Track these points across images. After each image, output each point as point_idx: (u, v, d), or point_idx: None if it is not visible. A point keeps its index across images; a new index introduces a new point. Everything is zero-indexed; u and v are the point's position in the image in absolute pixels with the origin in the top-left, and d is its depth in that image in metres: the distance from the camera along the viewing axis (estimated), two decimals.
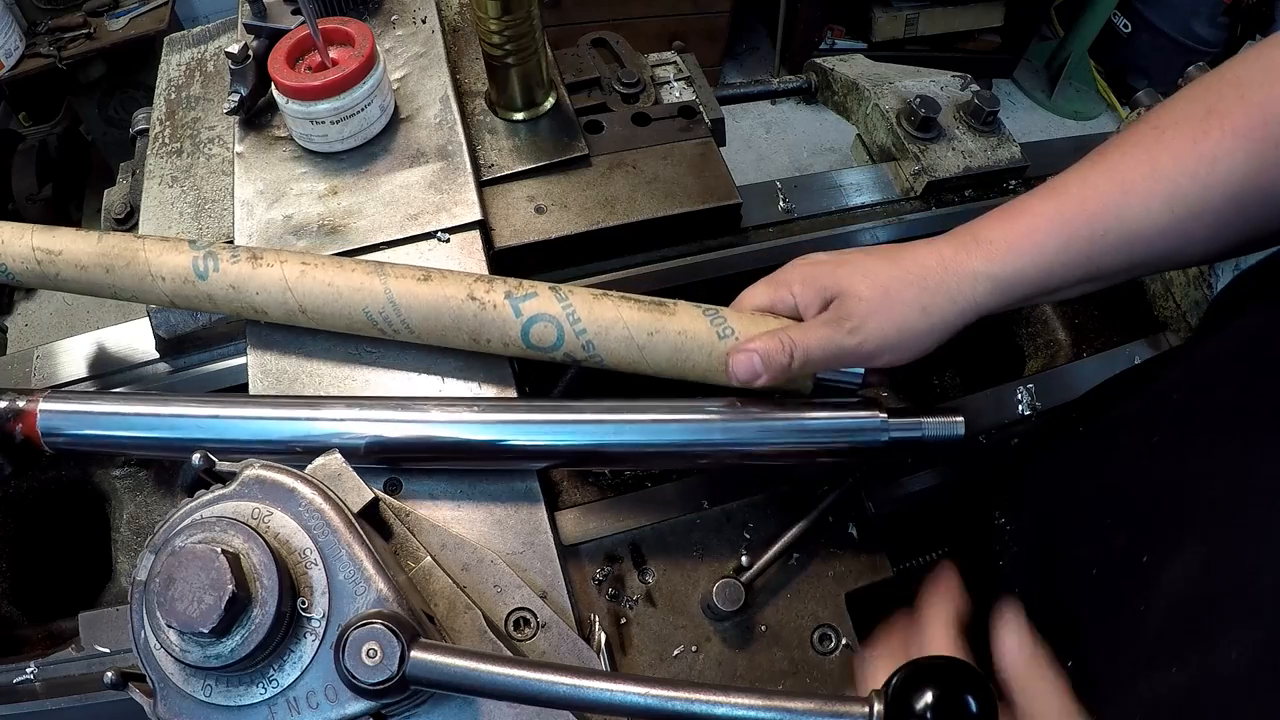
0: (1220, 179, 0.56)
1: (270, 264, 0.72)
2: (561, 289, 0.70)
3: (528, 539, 0.69)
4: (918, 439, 0.68)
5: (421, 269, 0.72)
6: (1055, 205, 0.62)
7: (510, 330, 0.69)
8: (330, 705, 0.49)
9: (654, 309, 0.69)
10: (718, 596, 0.67)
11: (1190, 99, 0.59)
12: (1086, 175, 0.62)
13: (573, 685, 0.49)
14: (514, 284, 0.71)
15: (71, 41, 2.41)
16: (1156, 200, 0.58)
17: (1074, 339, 0.99)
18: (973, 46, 3.34)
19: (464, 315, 0.70)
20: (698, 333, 0.68)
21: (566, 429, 0.67)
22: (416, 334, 0.72)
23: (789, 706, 0.47)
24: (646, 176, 0.93)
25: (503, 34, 0.85)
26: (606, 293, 0.70)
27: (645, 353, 0.69)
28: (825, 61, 1.19)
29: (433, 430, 0.67)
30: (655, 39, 2.81)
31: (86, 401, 0.69)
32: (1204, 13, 3.11)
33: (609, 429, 0.67)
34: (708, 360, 0.68)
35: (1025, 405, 0.86)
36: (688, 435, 0.68)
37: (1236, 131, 0.55)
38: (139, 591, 0.48)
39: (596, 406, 0.68)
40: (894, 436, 0.68)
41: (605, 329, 0.68)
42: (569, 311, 0.68)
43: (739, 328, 0.68)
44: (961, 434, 0.68)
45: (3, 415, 0.68)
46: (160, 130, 0.97)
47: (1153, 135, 0.59)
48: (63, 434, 0.69)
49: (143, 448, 0.70)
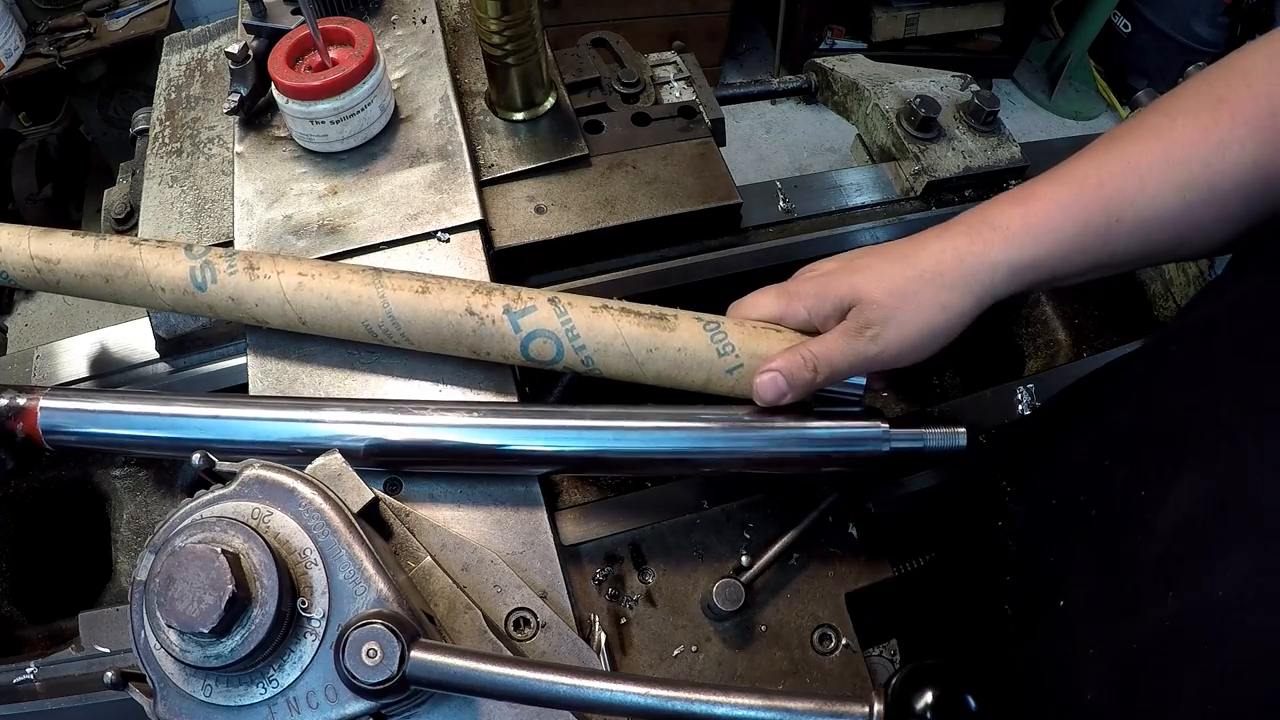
0: (1231, 166, 0.56)
1: (267, 275, 0.71)
2: (560, 300, 0.69)
3: (528, 539, 0.69)
4: (919, 450, 0.68)
5: (419, 278, 0.71)
6: (1071, 191, 0.61)
7: (509, 345, 0.69)
8: (330, 705, 0.49)
9: (654, 323, 0.68)
10: (718, 596, 0.67)
11: (1200, 88, 0.59)
12: (1100, 161, 0.61)
13: (573, 685, 0.49)
14: (512, 295, 0.70)
15: (71, 41, 2.41)
16: (1170, 187, 0.58)
17: (1074, 339, 0.99)
18: (973, 46, 3.35)
19: (463, 330, 0.69)
20: (697, 349, 0.68)
21: (567, 435, 0.67)
22: (416, 345, 0.72)
23: (789, 706, 0.47)
24: (646, 176, 0.93)
25: (503, 34, 0.85)
26: (606, 304, 0.70)
27: (644, 368, 0.68)
28: (825, 61, 1.19)
29: (433, 435, 0.67)
30: (655, 39, 2.81)
31: (87, 400, 0.69)
32: (1204, 13, 3.11)
33: (609, 435, 0.67)
34: (706, 376, 0.68)
35: (1025, 405, 0.86)
36: (688, 443, 0.67)
37: (1247, 120, 0.55)
38: (139, 591, 0.48)
39: (597, 413, 0.68)
40: (895, 447, 0.67)
41: (604, 345, 0.68)
42: (568, 327, 0.68)
43: (740, 344, 0.68)
44: (964, 445, 0.68)
45: (3, 413, 0.68)
46: (160, 130, 0.97)
47: (1165, 122, 0.59)
48: (63, 432, 0.69)
49: (143, 447, 0.70)
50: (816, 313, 0.67)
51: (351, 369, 0.76)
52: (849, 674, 0.67)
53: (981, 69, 3.28)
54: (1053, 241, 0.61)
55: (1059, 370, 0.92)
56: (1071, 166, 0.63)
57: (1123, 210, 0.59)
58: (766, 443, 0.67)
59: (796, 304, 0.68)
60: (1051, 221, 0.61)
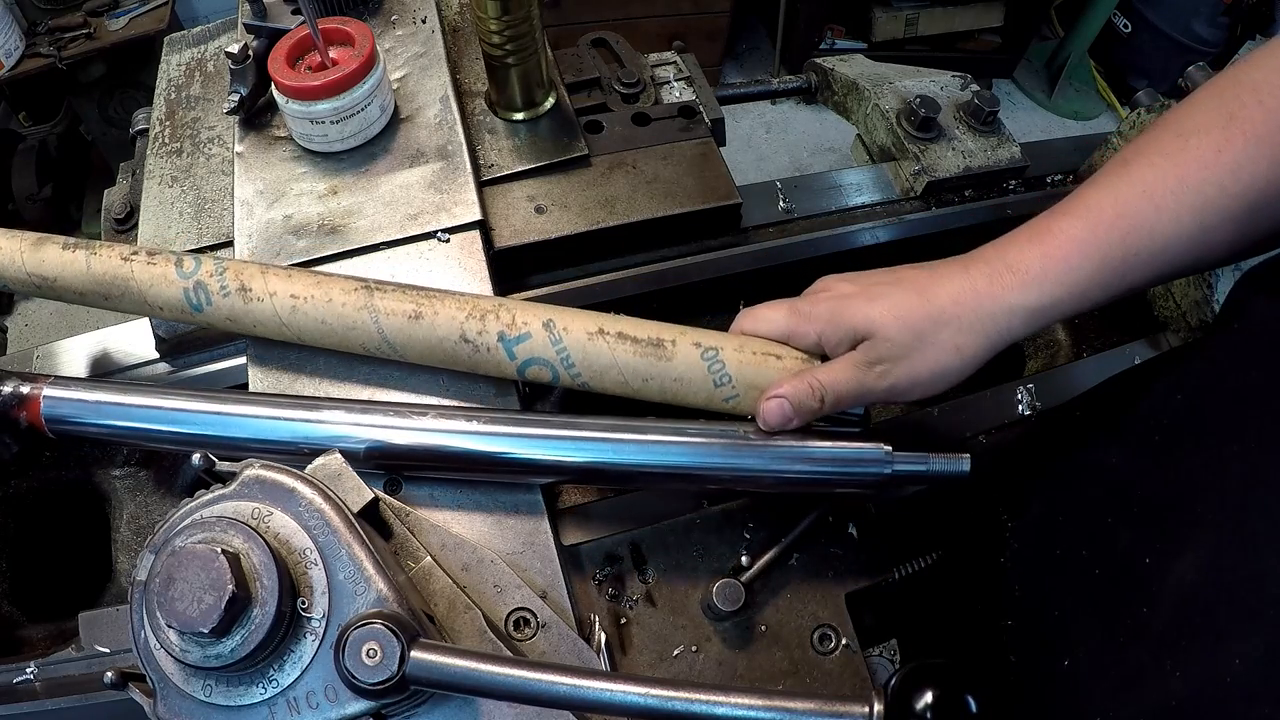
0: (1244, 187, 0.56)
1: (260, 299, 0.71)
2: (556, 325, 0.68)
3: (528, 539, 0.69)
4: (922, 473, 0.67)
5: (413, 297, 0.70)
6: (1087, 226, 0.60)
7: (505, 370, 0.70)
8: (330, 705, 0.49)
9: (650, 351, 0.68)
10: (718, 596, 0.67)
11: (1210, 104, 0.59)
12: (1116, 189, 0.60)
13: (573, 685, 0.49)
14: (507, 319, 0.69)
15: (71, 41, 2.41)
16: (1186, 213, 0.57)
17: (1074, 339, 0.99)
18: (973, 46, 3.35)
19: (458, 357, 0.70)
20: (694, 380, 0.67)
21: (566, 445, 0.67)
22: (415, 362, 0.73)
23: (789, 706, 0.47)
24: (646, 176, 0.93)
25: (503, 34, 0.85)
26: (603, 328, 0.69)
27: (640, 393, 0.69)
28: (825, 61, 1.19)
29: (432, 439, 0.67)
30: (655, 39, 2.81)
31: (90, 390, 0.70)
32: (1204, 13, 3.11)
33: (609, 448, 0.66)
34: (703, 403, 0.69)
35: (1025, 405, 0.86)
36: (688, 458, 0.66)
37: (1259, 138, 0.55)
38: (139, 591, 0.48)
39: (598, 425, 0.67)
40: (898, 470, 0.66)
41: (600, 373, 0.68)
42: (563, 355, 0.68)
43: (737, 375, 0.67)
44: (967, 470, 0.66)
45: (7, 400, 0.69)
46: (160, 130, 0.97)
47: (1177, 144, 0.58)
48: (66, 421, 0.69)
49: (144, 439, 0.70)
50: (828, 339, 0.66)
51: (351, 374, 0.76)
52: (849, 674, 0.67)
53: (981, 69, 3.28)
54: (1070, 282, 0.60)
55: (1059, 370, 0.92)
56: (1087, 197, 0.62)
57: (1139, 243, 0.59)
58: (767, 460, 0.66)
59: (808, 326, 0.67)
60: (1070, 261, 0.60)
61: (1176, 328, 0.94)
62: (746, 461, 0.67)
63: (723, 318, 0.99)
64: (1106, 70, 3.50)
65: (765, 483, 0.67)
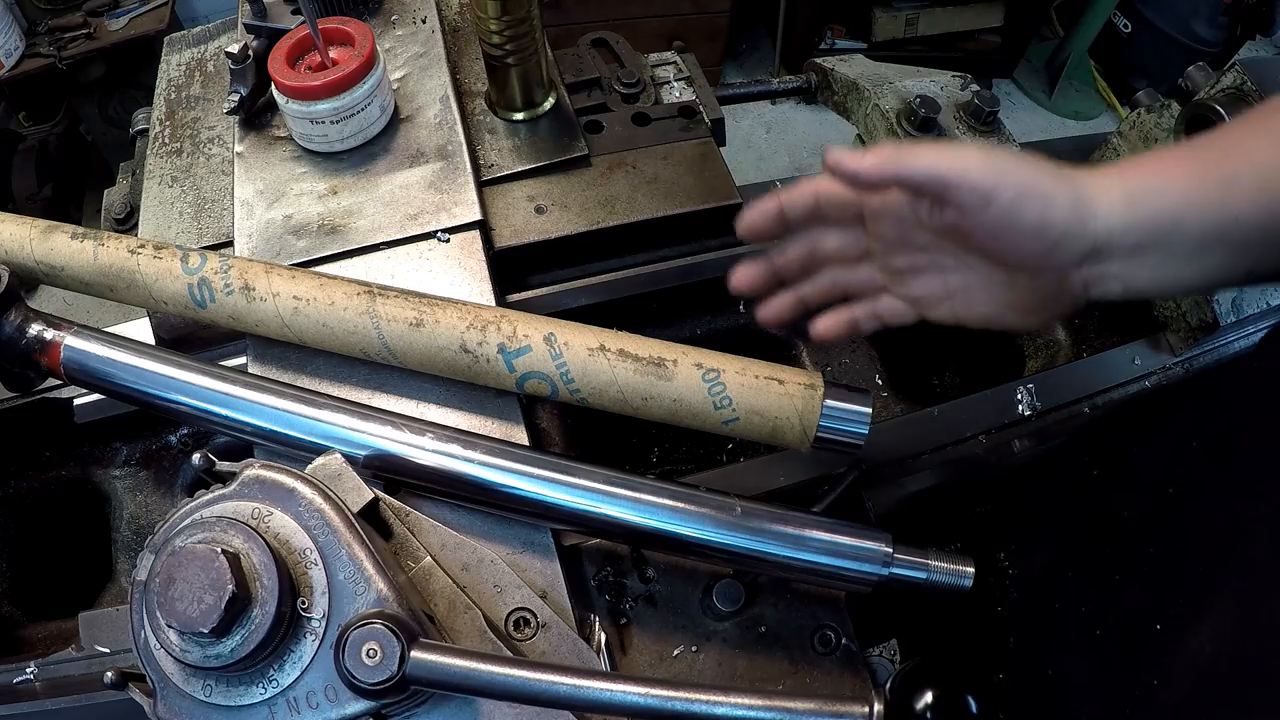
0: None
1: (263, 298, 0.71)
2: (557, 339, 0.68)
3: (528, 539, 0.68)
4: (920, 581, 0.62)
5: (414, 304, 0.70)
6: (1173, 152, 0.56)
7: (505, 382, 0.70)
8: (330, 705, 0.49)
9: (651, 371, 0.67)
10: (718, 596, 0.67)
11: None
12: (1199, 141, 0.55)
13: (573, 685, 0.49)
14: (508, 332, 0.68)
15: (71, 41, 2.41)
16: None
17: (1074, 339, 0.99)
18: (973, 46, 3.34)
19: (458, 366, 0.70)
20: (693, 402, 0.67)
21: (561, 489, 0.65)
22: (415, 369, 0.73)
23: (789, 706, 0.47)
24: (646, 176, 0.93)
25: (503, 34, 0.85)
26: (604, 344, 0.68)
27: (639, 412, 0.68)
28: (825, 61, 1.19)
29: (432, 460, 0.66)
30: (655, 39, 2.80)
31: (109, 347, 0.70)
32: (1204, 13, 3.11)
33: (605, 500, 0.64)
34: (701, 424, 0.68)
35: (1025, 405, 0.86)
36: (682, 528, 0.64)
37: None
38: (139, 591, 0.48)
39: (596, 475, 0.65)
40: (895, 573, 0.62)
41: (599, 391, 0.68)
42: (563, 371, 0.68)
43: (737, 398, 0.66)
44: (969, 585, 0.62)
45: (31, 344, 0.70)
46: (160, 130, 0.97)
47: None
48: (82, 369, 0.70)
49: (150, 404, 0.70)
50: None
51: (352, 377, 0.76)
52: (849, 674, 0.67)
53: (981, 69, 3.27)
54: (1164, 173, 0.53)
55: (1059, 370, 0.92)
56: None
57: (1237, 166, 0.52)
58: (759, 537, 0.64)
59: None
60: (1163, 163, 0.54)
61: (1176, 328, 0.93)
62: (735, 537, 0.63)
63: (723, 318, 1.00)
64: (1106, 70, 3.49)
65: (754, 561, 0.65)
